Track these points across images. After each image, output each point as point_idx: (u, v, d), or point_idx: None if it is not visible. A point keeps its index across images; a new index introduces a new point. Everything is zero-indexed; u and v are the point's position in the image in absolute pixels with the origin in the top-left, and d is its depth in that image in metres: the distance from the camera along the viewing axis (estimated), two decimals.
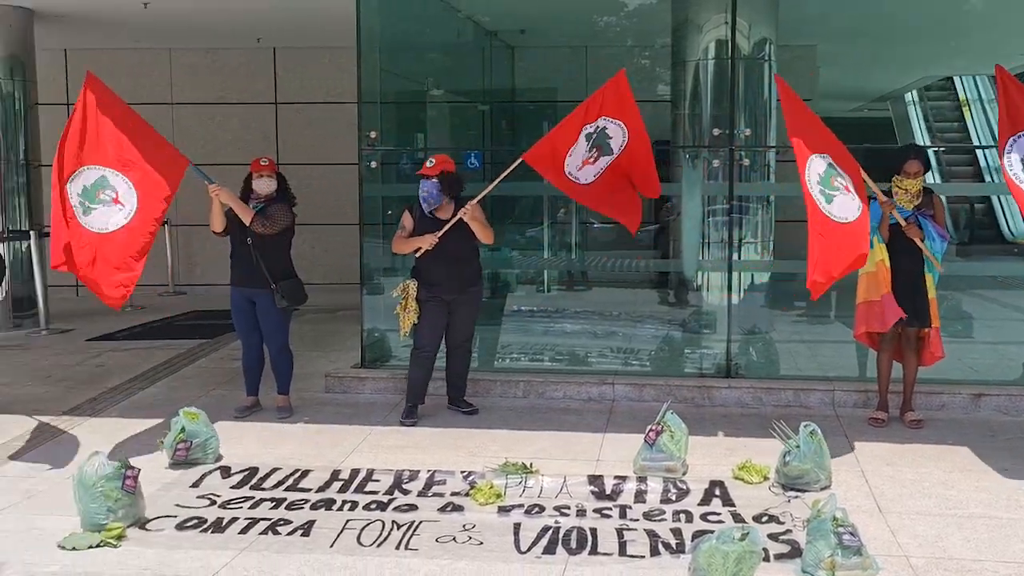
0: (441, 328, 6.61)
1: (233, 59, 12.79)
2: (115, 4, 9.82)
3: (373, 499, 5.10)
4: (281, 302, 6.54)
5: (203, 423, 5.74)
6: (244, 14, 10.51)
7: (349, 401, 7.19)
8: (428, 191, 6.37)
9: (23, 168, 10.30)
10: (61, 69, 12.70)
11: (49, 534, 4.64)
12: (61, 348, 9.24)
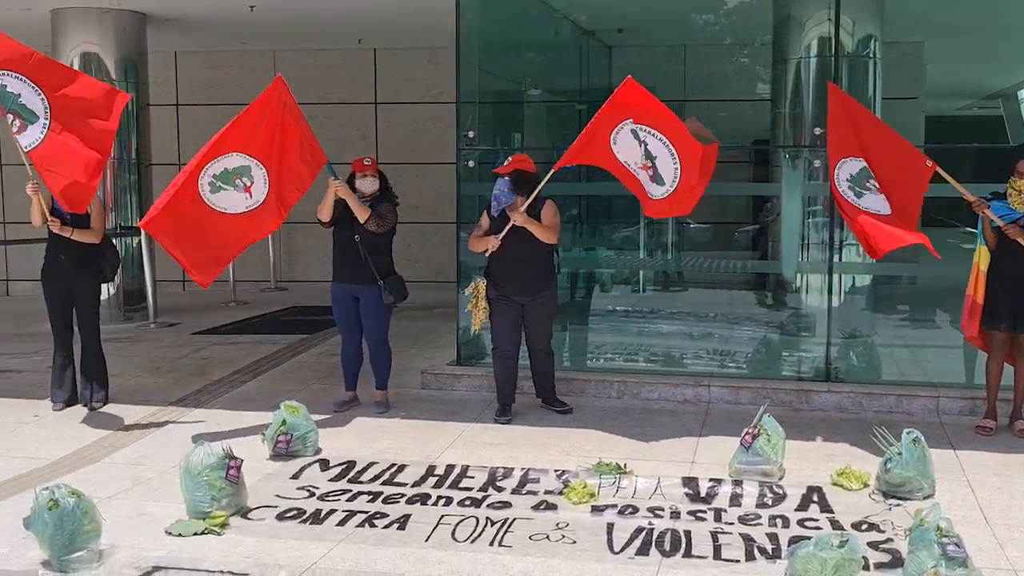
0: (516, 328, 6.63)
1: (334, 60, 13.04)
2: (223, 7, 10.11)
3: (467, 495, 5.15)
4: (388, 298, 6.65)
5: (303, 416, 5.87)
6: (346, 15, 10.71)
7: (444, 398, 7.27)
8: (500, 189, 6.39)
9: (134, 167, 10.67)
10: (171, 71, 13.12)
11: (157, 520, 4.81)
12: (168, 341, 9.55)
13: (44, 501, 4.25)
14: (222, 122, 13.50)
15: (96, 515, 4.36)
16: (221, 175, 6.18)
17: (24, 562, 4.33)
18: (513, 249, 6.37)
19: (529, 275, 6.50)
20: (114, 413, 6.86)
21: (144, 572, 4.22)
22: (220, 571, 4.23)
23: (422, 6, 9.53)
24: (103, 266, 6.96)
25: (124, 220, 10.59)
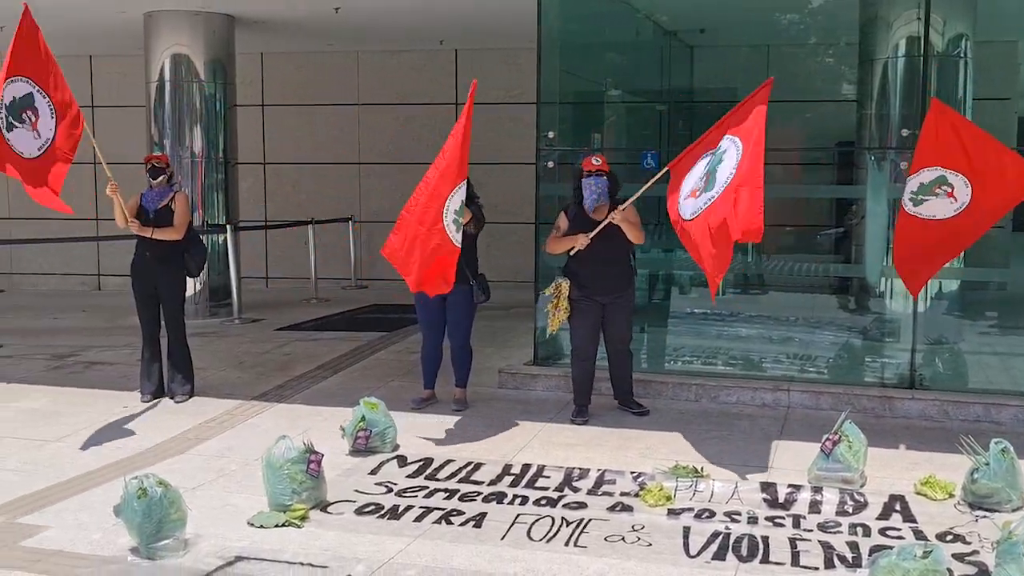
0: (596, 329, 6.62)
1: (416, 61, 13.16)
2: (309, 9, 10.29)
3: (543, 495, 5.16)
4: (480, 297, 6.71)
5: (382, 413, 5.95)
6: (429, 17, 10.81)
7: (521, 397, 7.30)
8: (600, 188, 6.38)
9: (221, 166, 10.92)
10: (258, 71, 13.39)
11: (240, 511, 4.92)
12: (252, 336, 9.75)
13: (133, 490, 4.38)
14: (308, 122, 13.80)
15: (182, 505, 4.48)
16: (461, 209, 6.06)
17: (114, 548, 4.47)
18: (597, 248, 6.37)
19: (613, 274, 6.50)
20: (199, 406, 7.04)
21: (227, 561, 4.33)
22: (300, 563, 4.31)
23: (504, 7, 9.57)
24: (188, 263, 7.14)
25: (211, 218, 10.84)
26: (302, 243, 12.84)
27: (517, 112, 12.75)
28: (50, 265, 14.09)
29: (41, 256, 14.06)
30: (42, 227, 13.84)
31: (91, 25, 11.23)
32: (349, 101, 13.37)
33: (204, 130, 10.73)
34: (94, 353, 8.95)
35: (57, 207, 6.51)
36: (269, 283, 13.68)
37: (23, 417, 6.80)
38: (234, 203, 11.21)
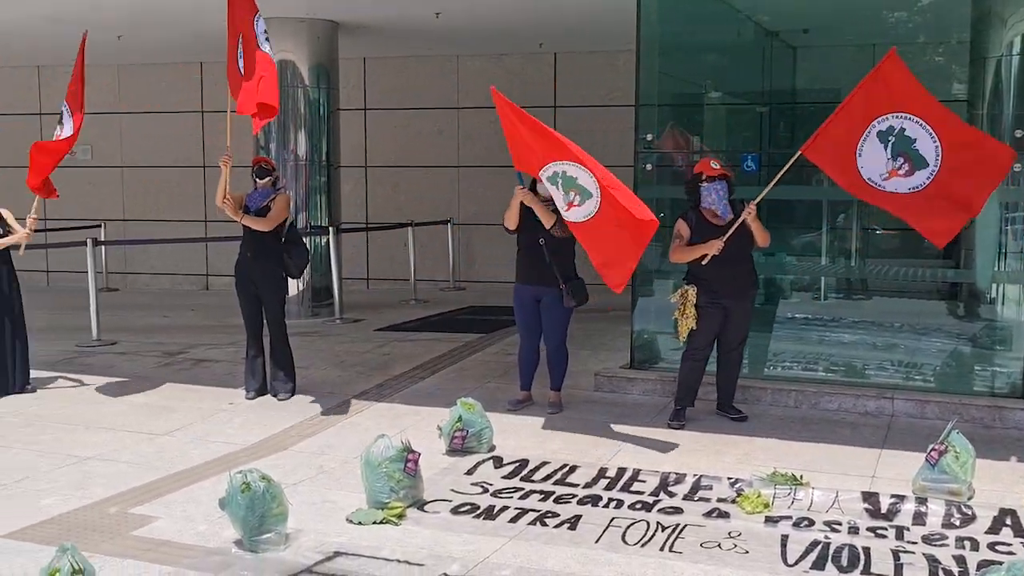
0: (716, 332, 6.56)
1: (516, 64, 13.23)
2: (411, 15, 10.44)
3: (638, 499, 5.14)
4: (570, 301, 6.72)
5: (479, 414, 6.00)
6: (529, 21, 10.86)
7: (617, 400, 7.27)
8: (722, 192, 6.32)
9: (324, 169, 11.15)
10: (360, 76, 13.64)
11: (339, 507, 5.03)
12: (353, 336, 9.93)
13: (238, 484, 4.51)
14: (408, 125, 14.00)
15: (284, 500, 4.60)
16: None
17: (219, 540, 4.61)
18: (731, 251, 6.30)
19: (741, 276, 6.45)
20: (301, 404, 7.21)
21: (327, 556, 4.42)
22: (397, 560, 4.38)
23: (604, 10, 9.57)
24: (288, 264, 7.31)
25: (314, 220, 11.08)
26: (402, 245, 13.03)
27: (615, 115, 12.72)
28: (162, 265, 14.59)
29: (153, 256, 14.58)
30: (154, 228, 14.38)
31: (201, 33, 11.59)
32: (448, 105, 13.52)
33: (308, 134, 10.96)
34: (202, 351, 9.24)
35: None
36: (370, 284, 13.92)
37: (136, 411, 7.07)
38: (336, 205, 11.44)
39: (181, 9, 10.37)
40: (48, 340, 9.46)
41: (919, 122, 5.79)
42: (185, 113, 14.29)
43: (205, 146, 14.19)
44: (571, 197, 6.14)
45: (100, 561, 4.21)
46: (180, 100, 14.32)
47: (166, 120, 14.36)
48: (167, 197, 14.47)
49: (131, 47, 12.64)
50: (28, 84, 14.89)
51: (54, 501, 5.17)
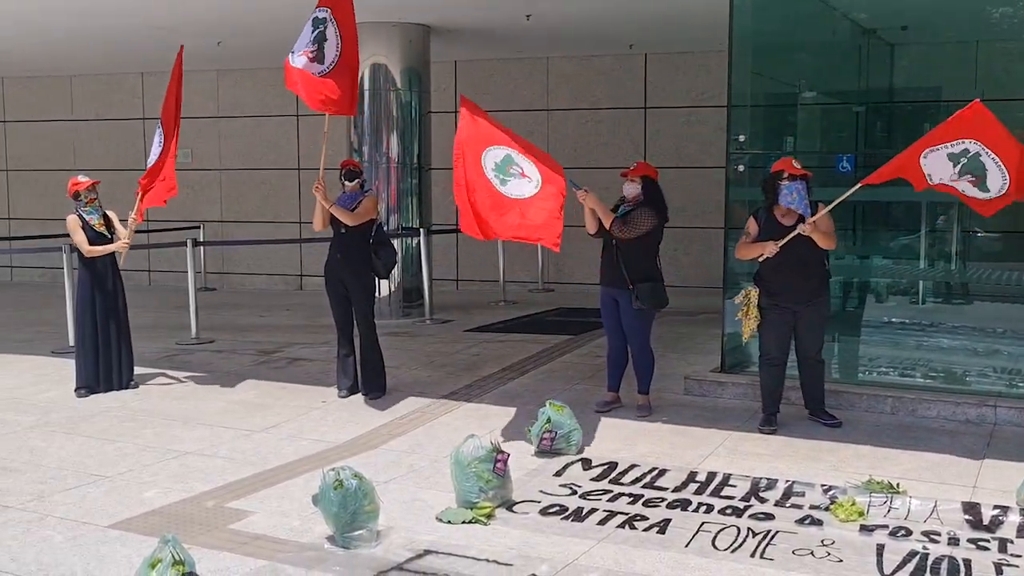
0: (787, 337, 6.45)
1: (605, 65, 13.19)
2: (501, 18, 10.49)
3: (729, 504, 5.08)
4: (636, 303, 6.68)
5: (568, 415, 6.00)
6: (619, 22, 10.82)
7: (707, 404, 7.20)
8: (800, 192, 6.22)
9: (415, 171, 11.27)
10: (451, 79, 13.76)
11: (428, 506, 5.08)
12: (442, 337, 10.03)
13: (330, 481, 4.60)
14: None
15: (375, 497, 4.67)
16: (496, 168, 6.38)
17: (312, 536, 4.71)
18: (789, 255, 6.22)
19: (805, 281, 6.34)
20: (392, 403, 7.30)
21: (417, 554, 4.48)
22: (486, 560, 4.41)
23: (696, 10, 9.48)
24: (376, 264, 7.43)
25: (405, 221, 11.21)
26: (491, 247, 13.10)
27: (706, 115, 12.61)
28: (258, 266, 14.94)
29: (249, 257, 14.93)
30: (250, 230, 14.73)
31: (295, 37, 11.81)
32: (538, 106, 13.54)
33: (400, 136, 11.10)
34: (296, 350, 9.43)
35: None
36: (459, 285, 14.03)
37: (233, 408, 7.25)
38: (427, 207, 11.55)
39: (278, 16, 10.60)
40: (150, 338, 9.77)
41: (994, 158, 5.72)
42: (281, 117, 14.60)
43: (300, 149, 14.48)
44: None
45: (198, 553, 4.33)
46: (276, 104, 14.63)
47: (263, 124, 14.70)
48: (263, 199, 14.81)
49: (230, 53, 12.97)
50: (133, 90, 15.39)
51: (155, 493, 5.35)
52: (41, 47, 12.84)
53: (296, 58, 7.11)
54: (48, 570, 4.32)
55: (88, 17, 10.56)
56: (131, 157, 14.91)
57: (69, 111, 15.86)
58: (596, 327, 9.44)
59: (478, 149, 6.45)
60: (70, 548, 4.57)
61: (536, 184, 6.25)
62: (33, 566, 4.37)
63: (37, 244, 13.70)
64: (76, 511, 5.07)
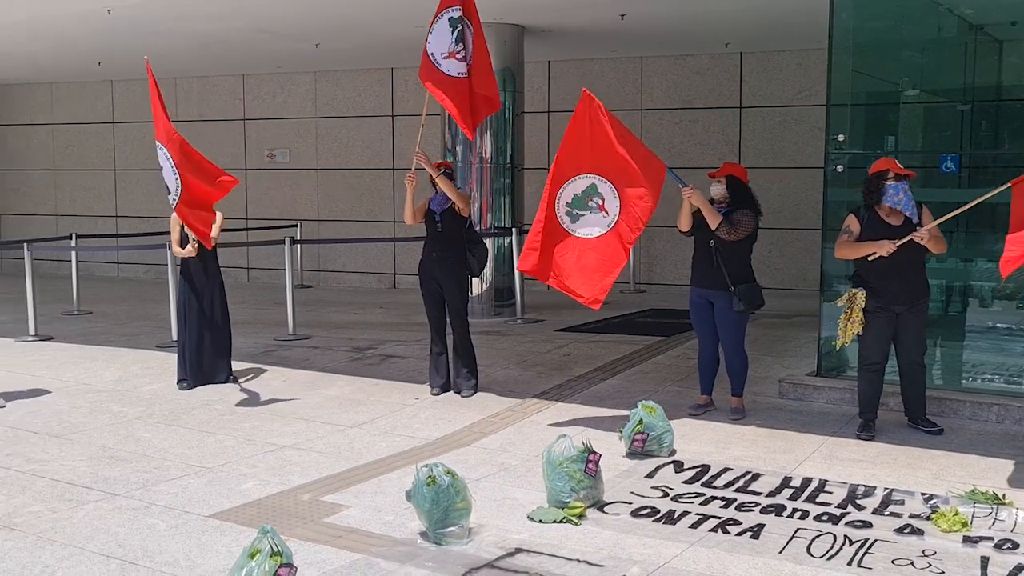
0: (888, 341, 6.29)
1: (701, 64, 13.06)
2: (596, 17, 10.47)
3: (825, 511, 4.98)
4: (738, 306, 6.60)
5: (660, 417, 5.96)
6: (716, 21, 10.70)
7: (802, 408, 7.07)
8: (907, 192, 6.07)
9: (508, 171, 11.32)
10: (544, 79, 13.78)
11: (520, 504, 5.10)
12: (533, 336, 10.05)
13: (423, 477, 4.65)
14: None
15: (467, 495, 4.70)
16: (573, 202, 6.49)
17: (405, 531, 4.77)
18: (895, 256, 6.06)
19: (911, 282, 6.18)
20: (483, 401, 7.35)
21: (508, 552, 4.50)
22: (577, 560, 4.40)
23: (795, 7, 9.32)
24: (471, 262, 7.48)
25: (497, 221, 11.27)
26: None
27: (804, 115, 12.39)
28: (353, 264, 15.19)
29: (345, 255, 15.19)
30: (346, 228, 14.99)
31: (392, 40, 11.99)
32: (632, 106, 13.47)
33: (494, 136, 11.16)
34: (389, 347, 9.56)
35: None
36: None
37: (328, 403, 7.39)
38: (519, 207, 11.60)
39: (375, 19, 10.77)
40: (248, 334, 10.02)
41: None
42: (376, 117, 14.82)
43: (395, 149, 14.68)
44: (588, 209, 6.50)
45: (295, 545, 4.41)
46: (372, 105, 14.86)
47: (358, 124, 14.94)
48: (358, 198, 15.05)
49: (327, 55, 13.21)
50: (233, 92, 15.79)
51: (254, 485, 5.48)
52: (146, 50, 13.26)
53: (444, 61, 7.18)
54: (153, 556, 4.47)
55: (192, 21, 10.88)
56: (231, 157, 15.31)
57: (173, 112, 16.34)
58: (688, 328, 9.34)
59: (565, 175, 6.49)
60: (173, 536, 4.71)
61: (610, 222, 6.41)
62: (139, 552, 4.52)
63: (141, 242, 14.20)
64: (178, 500, 5.22)
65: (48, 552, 4.52)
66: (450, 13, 7.12)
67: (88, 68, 15.16)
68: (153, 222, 15.03)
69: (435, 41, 7.17)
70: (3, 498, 5.27)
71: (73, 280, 12.38)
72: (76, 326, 11.14)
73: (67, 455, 6.09)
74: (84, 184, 17.21)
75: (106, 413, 7.14)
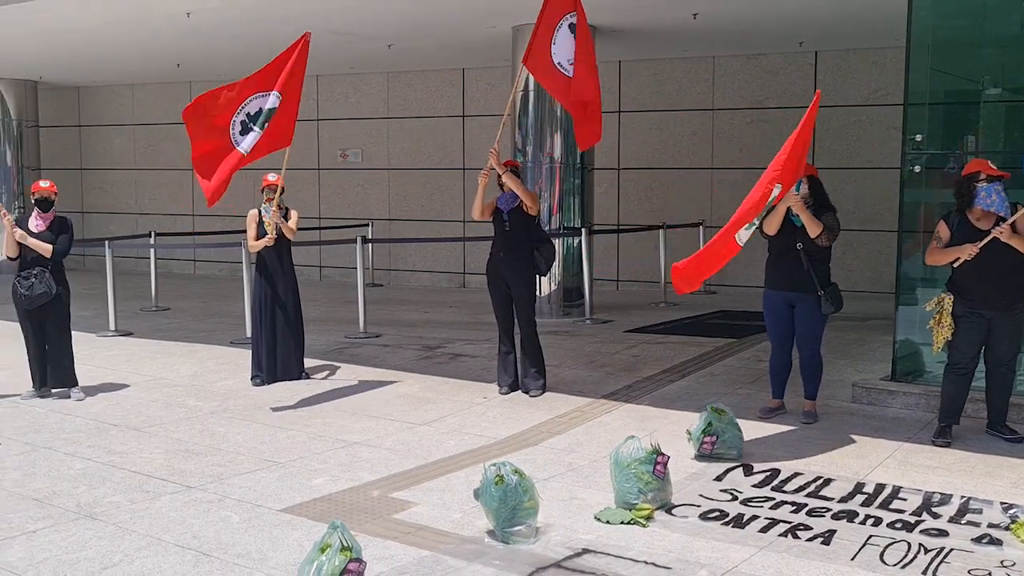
0: (978, 345, 6.14)
1: (773, 64, 12.90)
2: (668, 17, 10.41)
3: (899, 518, 4.89)
4: (828, 308, 6.50)
5: (729, 420, 5.91)
6: (790, 19, 10.57)
7: (876, 413, 6.95)
8: (1000, 193, 5.91)
9: (578, 171, 11.31)
10: (615, 79, 13.73)
11: (587, 505, 5.10)
12: (602, 337, 10.03)
13: (491, 476, 4.67)
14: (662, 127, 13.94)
15: (535, 494, 4.71)
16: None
17: (472, 529, 4.79)
18: (987, 259, 5.90)
19: (1004, 286, 6.00)
20: (551, 401, 7.36)
21: (575, 552, 4.50)
22: (644, 562, 4.39)
23: (872, 5, 9.16)
24: (538, 261, 7.50)
25: (567, 221, 11.26)
26: (652, 247, 13.02)
27: (880, 114, 12.17)
28: (423, 263, 15.31)
29: (415, 254, 15.32)
30: (416, 228, 15.11)
31: (464, 40, 12.07)
32: (703, 106, 13.37)
33: (564, 137, 11.15)
34: (458, 346, 9.62)
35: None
36: (619, 286, 14.00)
37: (398, 401, 7.46)
38: (589, 207, 11.58)
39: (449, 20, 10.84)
40: (320, 331, 10.17)
41: None
42: (447, 118, 14.92)
43: (465, 149, 14.76)
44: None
45: (364, 540, 4.46)
46: (443, 105, 14.97)
47: (429, 124, 15.05)
48: (428, 197, 15.16)
49: (400, 56, 13.34)
50: (307, 92, 16.00)
51: (324, 481, 5.56)
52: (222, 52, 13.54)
53: (570, 67, 7.25)
54: (226, 548, 4.56)
55: (267, 23, 11.07)
56: (305, 157, 15.53)
57: None
58: (759, 330, 9.25)
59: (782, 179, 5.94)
60: (246, 529, 4.81)
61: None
62: (213, 544, 4.62)
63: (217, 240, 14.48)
64: (251, 494, 5.33)
65: (127, 542, 4.64)
66: (569, 20, 7.21)
67: (167, 70, 15.52)
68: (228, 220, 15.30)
69: (560, 50, 7.22)
70: (85, 488, 5.43)
71: (152, 277, 12.68)
72: (154, 322, 11.42)
73: (145, 448, 6.25)
74: (163, 183, 17.63)
75: (182, 407, 7.31)
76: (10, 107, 17.01)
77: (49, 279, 7.32)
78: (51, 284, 7.31)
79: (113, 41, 12.76)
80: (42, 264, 7.34)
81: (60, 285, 7.40)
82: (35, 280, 7.28)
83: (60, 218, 7.52)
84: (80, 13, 10.84)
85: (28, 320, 7.44)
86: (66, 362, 7.56)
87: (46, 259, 7.34)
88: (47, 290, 7.29)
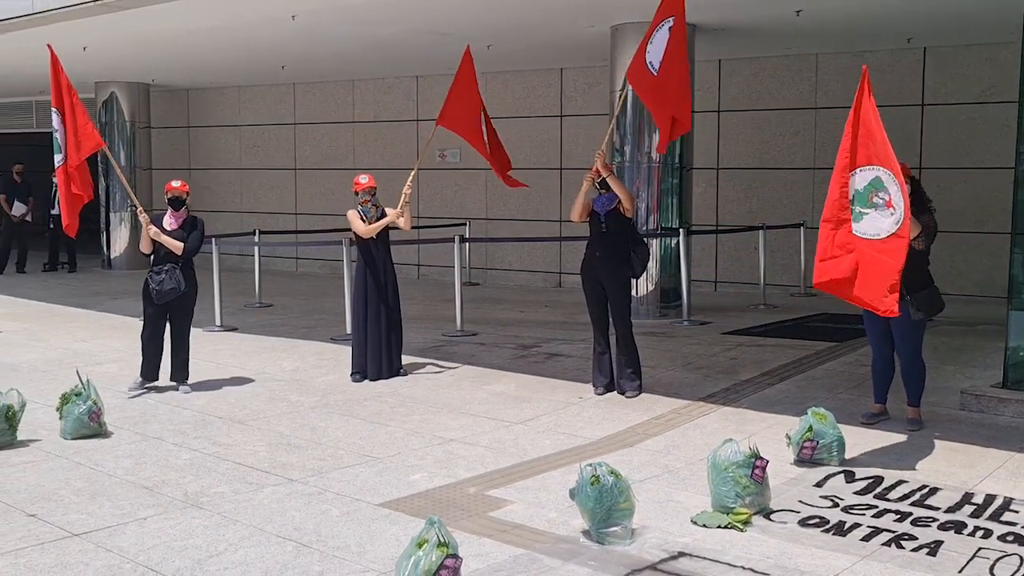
0: None
1: (880, 61, 12.57)
2: (770, 14, 10.24)
3: (1011, 530, 4.72)
4: (916, 314, 6.33)
5: (830, 425, 5.79)
6: (898, 15, 10.29)
7: (986, 421, 6.72)
8: None
9: (676, 171, 11.20)
10: (715, 78, 13.56)
11: (683, 508, 5.05)
12: (700, 338, 9.92)
13: (587, 476, 4.67)
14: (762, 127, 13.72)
15: (631, 495, 4.68)
16: (855, 199, 5.74)
17: (567, 528, 4.80)
18: None
19: None
20: (647, 402, 7.31)
21: (671, 555, 4.46)
22: (741, 567, 4.33)
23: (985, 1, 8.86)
24: (634, 262, 7.46)
25: (665, 221, 11.17)
26: (751, 248, 12.82)
27: (992, 113, 11.76)
28: (519, 262, 15.36)
29: (512, 254, 15.38)
30: (513, 227, 15.17)
31: (563, 40, 12.07)
32: (806, 105, 13.11)
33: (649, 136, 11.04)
34: (554, 345, 9.63)
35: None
36: (717, 287, 13.82)
37: (494, 399, 7.51)
38: (687, 207, 11.47)
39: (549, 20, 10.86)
40: (418, 329, 10.29)
41: None
42: (545, 118, 14.94)
43: (563, 149, 14.76)
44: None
45: (460, 537, 4.50)
46: (540, 105, 14.99)
47: (527, 124, 15.09)
48: (526, 197, 15.20)
49: (498, 55, 13.41)
50: (408, 93, 16.23)
51: (421, 477, 5.63)
52: (329, 54, 13.82)
53: (658, 69, 7.28)
54: (326, 541, 4.65)
55: (370, 25, 11.26)
56: (405, 157, 15.74)
57: (350, 113, 16.95)
58: (861, 334, 9.02)
59: (846, 171, 5.78)
60: (344, 522, 4.90)
61: (897, 219, 5.51)
62: (313, 536, 4.72)
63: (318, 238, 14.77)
64: (350, 488, 5.42)
65: (231, 531, 4.78)
66: (669, 23, 7.23)
67: (272, 72, 15.89)
68: (330, 219, 15.60)
69: (654, 49, 7.27)
70: (192, 478, 5.61)
71: (256, 274, 13.00)
72: (258, 318, 11.72)
73: (248, 440, 6.41)
74: (267, 182, 18.06)
75: (284, 401, 7.48)
76: (124, 109, 17.64)
77: (179, 276, 7.59)
78: (180, 281, 7.57)
79: (221, 45, 13.14)
80: (173, 261, 7.61)
81: (189, 282, 7.67)
82: (166, 276, 7.55)
83: (192, 217, 7.80)
84: (191, 19, 11.18)
85: (154, 314, 7.70)
86: (183, 357, 7.82)
87: (177, 256, 7.61)
88: (176, 286, 7.55)
